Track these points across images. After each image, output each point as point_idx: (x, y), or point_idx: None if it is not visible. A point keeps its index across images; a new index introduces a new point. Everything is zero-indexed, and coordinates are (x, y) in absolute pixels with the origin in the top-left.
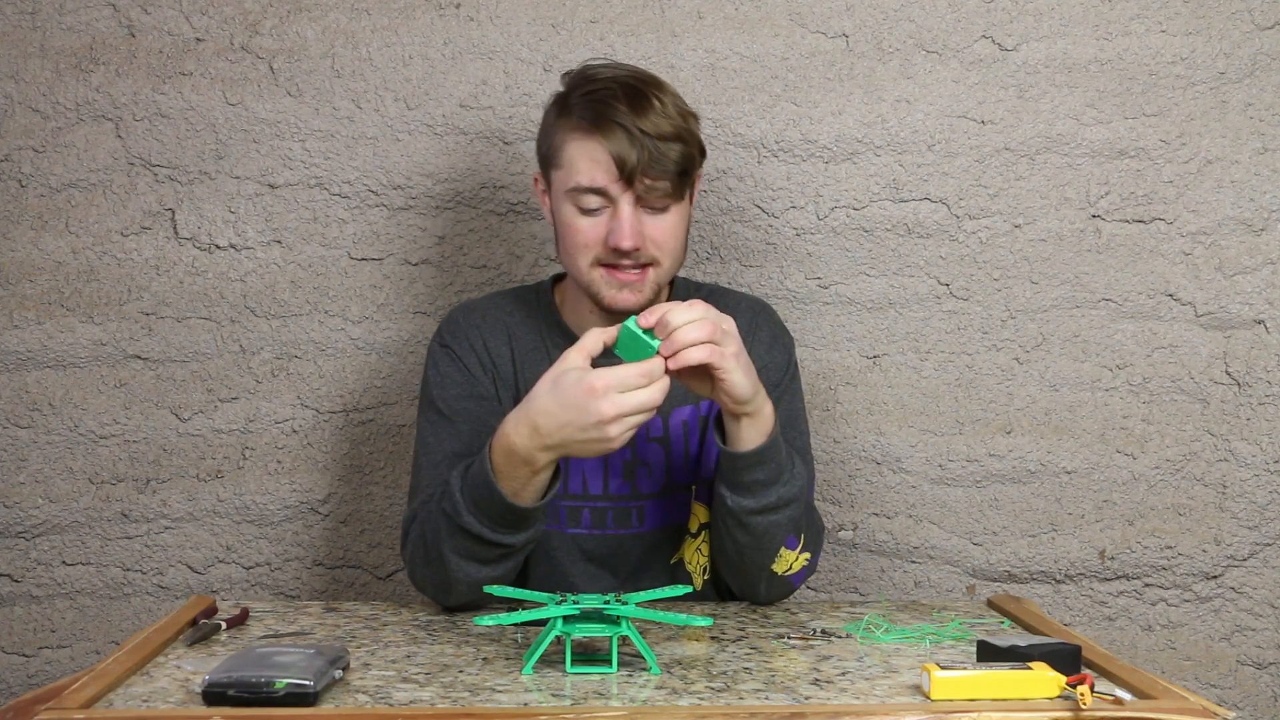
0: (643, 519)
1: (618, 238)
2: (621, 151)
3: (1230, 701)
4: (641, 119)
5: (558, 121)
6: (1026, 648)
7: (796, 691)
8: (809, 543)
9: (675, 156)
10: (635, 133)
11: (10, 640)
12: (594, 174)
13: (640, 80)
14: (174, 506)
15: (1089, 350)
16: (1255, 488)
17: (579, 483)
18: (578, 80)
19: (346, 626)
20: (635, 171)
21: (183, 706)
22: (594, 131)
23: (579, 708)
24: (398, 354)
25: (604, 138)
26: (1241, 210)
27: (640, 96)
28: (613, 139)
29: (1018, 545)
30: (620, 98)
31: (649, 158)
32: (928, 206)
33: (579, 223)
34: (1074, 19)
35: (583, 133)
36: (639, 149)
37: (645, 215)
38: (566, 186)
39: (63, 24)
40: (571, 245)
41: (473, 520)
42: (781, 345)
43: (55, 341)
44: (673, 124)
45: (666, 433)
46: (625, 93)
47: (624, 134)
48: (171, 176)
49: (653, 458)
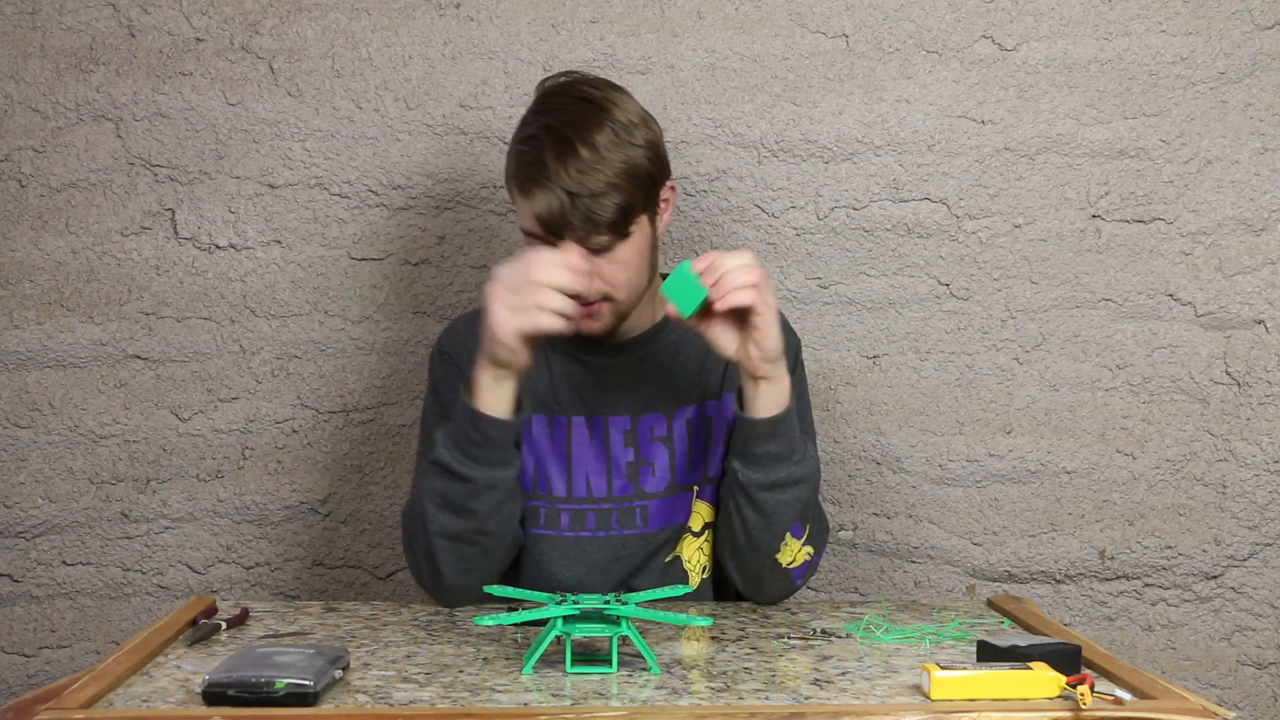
0: (647, 519)
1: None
2: (547, 212)
3: (1230, 701)
4: (568, 177)
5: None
6: (1026, 648)
7: (796, 691)
8: (813, 536)
9: (609, 208)
10: (560, 193)
11: (10, 640)
12: (533, 224)
13: (577, 125)
14: (174, 506)
15: (1089, 350)
16: (1255, 488)
17: (583, 485)
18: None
19: (346, 626)
20: (564, 229)
21: (183, 706)
22: (524, 189)
23: (579, 708)
24: (398, 354)
25: (530, 198)
26: (1241, 210)
27: (568, 149)
28: (537, 199)
29: (1018, 545)
30: (547, 152)
31: (579, 217)
32: (928, 206)
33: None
34: (1074, 19)
35: (517, 186)
36: (565, 209)
37: (593, 255)
38: (521, 227)
39: (63, 24)
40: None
41: (445, 452)
42: (789, 344)
43: (55, 341)
44: (604, 177)
45: (670, 432)
46: (554, 146)
47: (549, 195)
48: (171, 176)
49: (657, 457)
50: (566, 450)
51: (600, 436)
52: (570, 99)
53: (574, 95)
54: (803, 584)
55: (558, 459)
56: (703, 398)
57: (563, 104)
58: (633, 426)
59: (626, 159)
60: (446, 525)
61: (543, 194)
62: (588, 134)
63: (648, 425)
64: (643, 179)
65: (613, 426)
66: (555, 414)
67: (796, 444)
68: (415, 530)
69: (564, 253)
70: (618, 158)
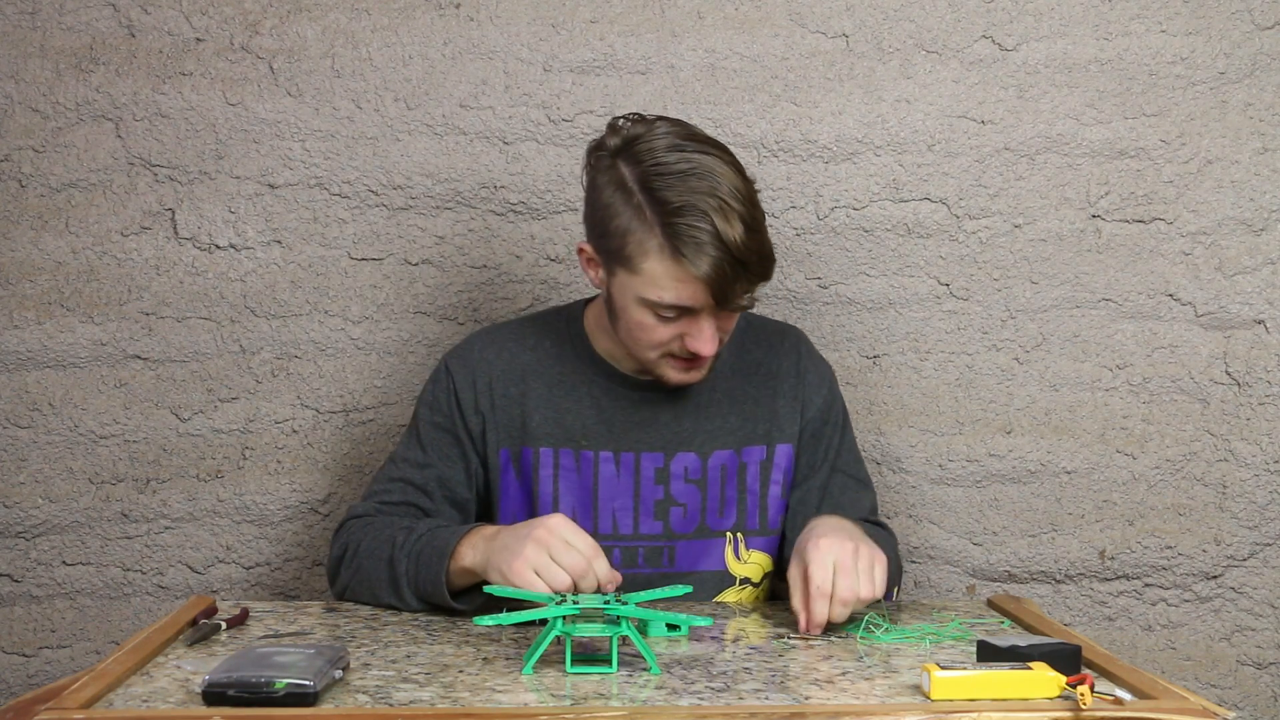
0: (673, 559)
1: (698, 346)
2: (718, 280)
3: (1230, 701)
4: (735, 241)
5: (634, 224)
6: (1026, 648)
7: (796, 691)
8: (895, 580)
9: (761, 269)
10: (730, 260)
11: (10, 640)
12: (681, 294)
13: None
14: (174, 506)
15: (1089, 350)
16: (1255, 488)
17: (609, 522)
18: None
19: (346, 626)
20: (730, 297)
21: (183, 706)
22: (686, 258)
23: (579, 708)
24: (398, 354)
25: (697, 268)
26: (1241, 210)
27: (729, 211)
28: (706, 266)
29: (1018, 545)
30: (710, 218)
31: (741, 287)
32: (928, 206)
33: (650, 322)
34: (1074, 19)
35: (671, 259)
36: (734, 276)
37: (725, 315)
38: (643, 295)
39: (63, 24)
40: (639, 336)
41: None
42: (825, 379)
43: (55, 341)
44: (758, 236)
45: (704, 474)
46: (714, 211)
47: (718, 264)
48: (171, 176)
49: (689, 499)
50: (593, 486)
51: (630, 472)
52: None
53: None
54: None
55: (583, 494)
56: (742, 442)
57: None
58: (665, 465)
59: (759, 208)
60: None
61: (712, 263)
62: (736, 191)
63: (681, 465)
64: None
65: (645, 462)
66: (582, 448)
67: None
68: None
69: (609, 568)
70: (758, 211)
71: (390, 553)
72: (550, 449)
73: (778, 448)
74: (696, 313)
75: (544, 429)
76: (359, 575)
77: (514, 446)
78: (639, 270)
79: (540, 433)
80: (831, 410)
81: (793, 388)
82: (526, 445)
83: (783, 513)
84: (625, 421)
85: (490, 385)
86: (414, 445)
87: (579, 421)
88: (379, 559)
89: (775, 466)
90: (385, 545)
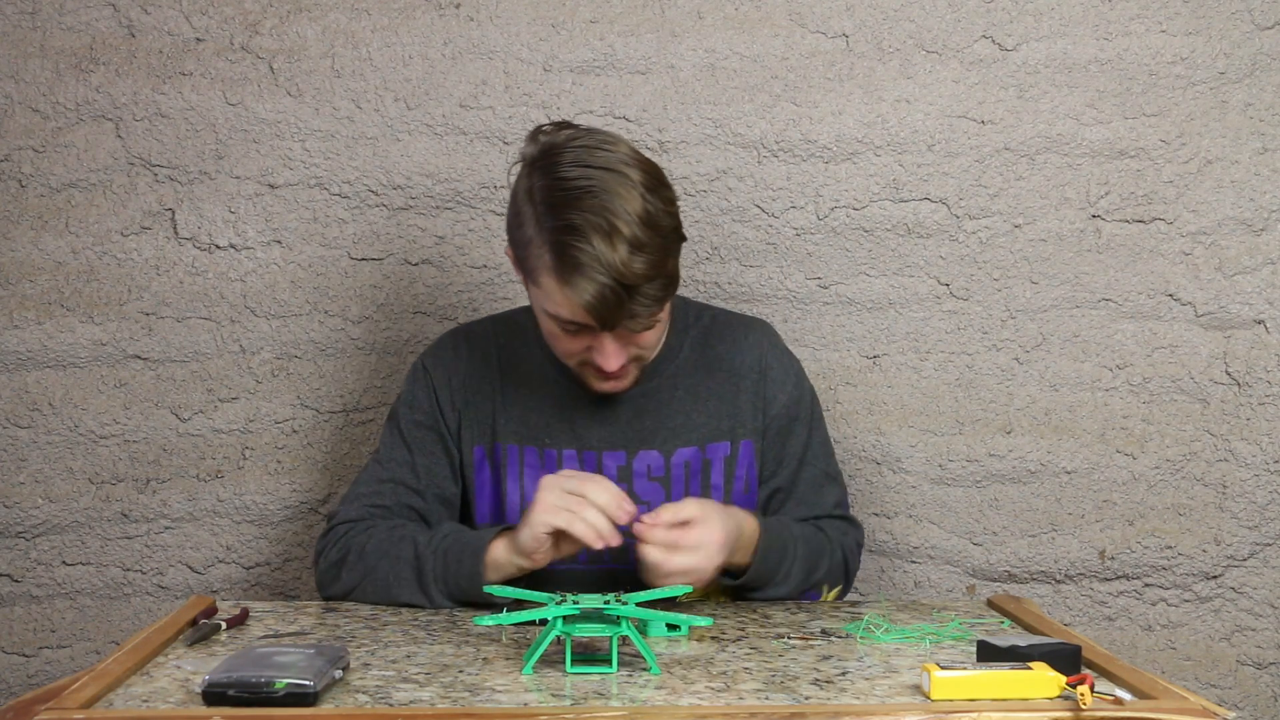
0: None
1: (602, 361)
2: (599, 306)
3: (1230, 701)
4: (617, 267)
5: (533, 236)
6: (1026, 648)
7: (796, 691)
8: (836, 581)
9: (655, 293)
10: (613, 286)
11: (10, 640)
12: (573, 313)
13: (614, 213)
14: (174, 506)
15: (1089, 350)
16: (1255, 488)
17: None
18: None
19: (346, 626)
20: (615, 321)
21: (183, 706)
22: (568, 281)
23: (579, 708)
24: (398, 354)
25: (577, 291)
26: (1241, 210)
27: (615, 235)
28: (587, 292)
29: (1018, 545)
30: (591, 241)
31: (629, 310)
32: (928, 206)
33: (558, 333)
34: (1074, 19)
35: (557, 277)
36: (617, 300)
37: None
38: (544, 307)
39: (63, 24)
40: (555, 346)
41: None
42: (792, 373)
43: (55, 341)
44: (648, 261)
45: (668, 472)
46: (598, 233)
47: (599, 289)
48: (171, 176)
49: (652, 497)
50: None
51: (592, 470)
52: (586, 164)
53: (590, 165)
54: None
55: None
56: (706, 439)
57: (582, 179)
58: (628, 463)
59: (662, 231)
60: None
61: (593, 287)
62: (629, 214)
63: (644, 464)
64: (674, 263)
65: (607, 460)
66: (546, 446)
67: (772, 573)
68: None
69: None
70: (657, 235)
71: (414, 552)
72: (517, 446)
73: (741, 444)
74: (597, 330)
75: (511, 427)
76: (371, 576)
77: (487, 443)
78: (539, 283)
79: (508, 430)
80: (799, 405)
81: (755, 384)
82: (497, 442)
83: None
84: (586, 420)
85: (464, 383)
86: (399, 445)
87: (542, 419)
88: (398, 559)
89: (739, 463)
90: (403, 545)
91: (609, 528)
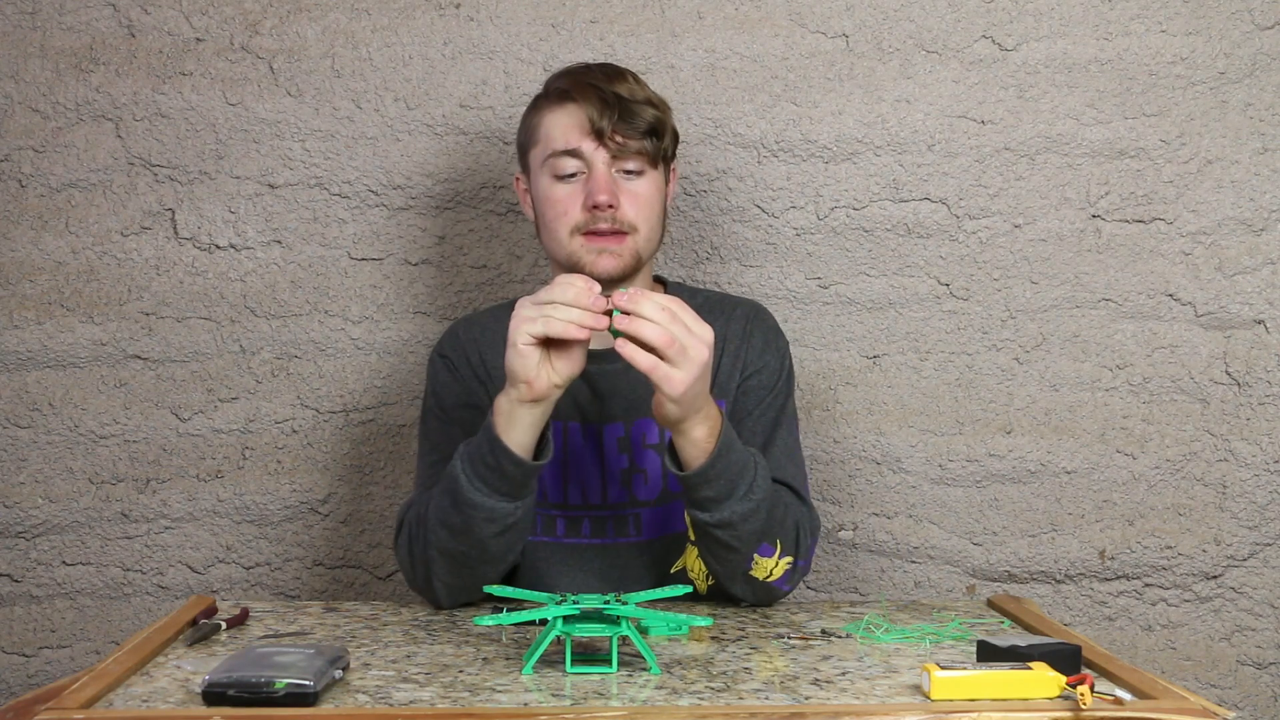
0: (640, 528)
1: (594, 194)
2: (593, 110)
3: (1230, 701)
4: (613, 84)
5: (534, 106)
6: (1026, 648)
7: (796, 691)
8: (789, 548)
9: (648, 118)
10: (608, 94)
11: (10, 640)
12: (568, 136)
13: (614, 65)
14: (174, 506)
15: (1089, 350)
16: (1255, 488)
17: (579, 493)
18: (553, 75)
19: (346, 626)
20: (607, 129)
21: (183, 706)
22: (567, 99)
23: (579, 708)
24: (398, 354)
25: (577, 102)
26: (1241, 210)
27: (613, 70)
28: (586, 101)
29: (1018, 545)
30: (594, 70)
31: (620, 115)
32: (928, 206)
33: (556, 191)
34: (1074, 19)
35: (557, 103)
36: (611, 108)
37: (621, 179)
38: (543, 157)
39: (63, 24)
40: (551, 218)
41: (459, 467)
42: (775, 349)
43: (55, 341)
44: (645, 93)
45: (663, 439)
46: (599, 66)
47: (596, 95)
48: (171, 176)
49: (649, 465)
50: (564, 456)
51: (595, 443)
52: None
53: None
54: (791, 589)
55: (554, 465)
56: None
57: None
58: (626, 433)
59: (657, 97)
60: (445, 543)
61: (591, 94)
62: (627, 71)
63: (640, 431)
64: (667, 117)
65: (607, 433)
66: (556, 418)
67: (737, 481)
68: (415, 533)
69: (584, 284)
70: (652, 92)
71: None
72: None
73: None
74: (591, 165)
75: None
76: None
77: None
78: (538, 138)
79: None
80: (775, 377)
81: (736, 349)
82: None
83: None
84: (588, 394)
85: (482, 359)
86: (443, 436)
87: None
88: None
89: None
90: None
91: (584, 314)
